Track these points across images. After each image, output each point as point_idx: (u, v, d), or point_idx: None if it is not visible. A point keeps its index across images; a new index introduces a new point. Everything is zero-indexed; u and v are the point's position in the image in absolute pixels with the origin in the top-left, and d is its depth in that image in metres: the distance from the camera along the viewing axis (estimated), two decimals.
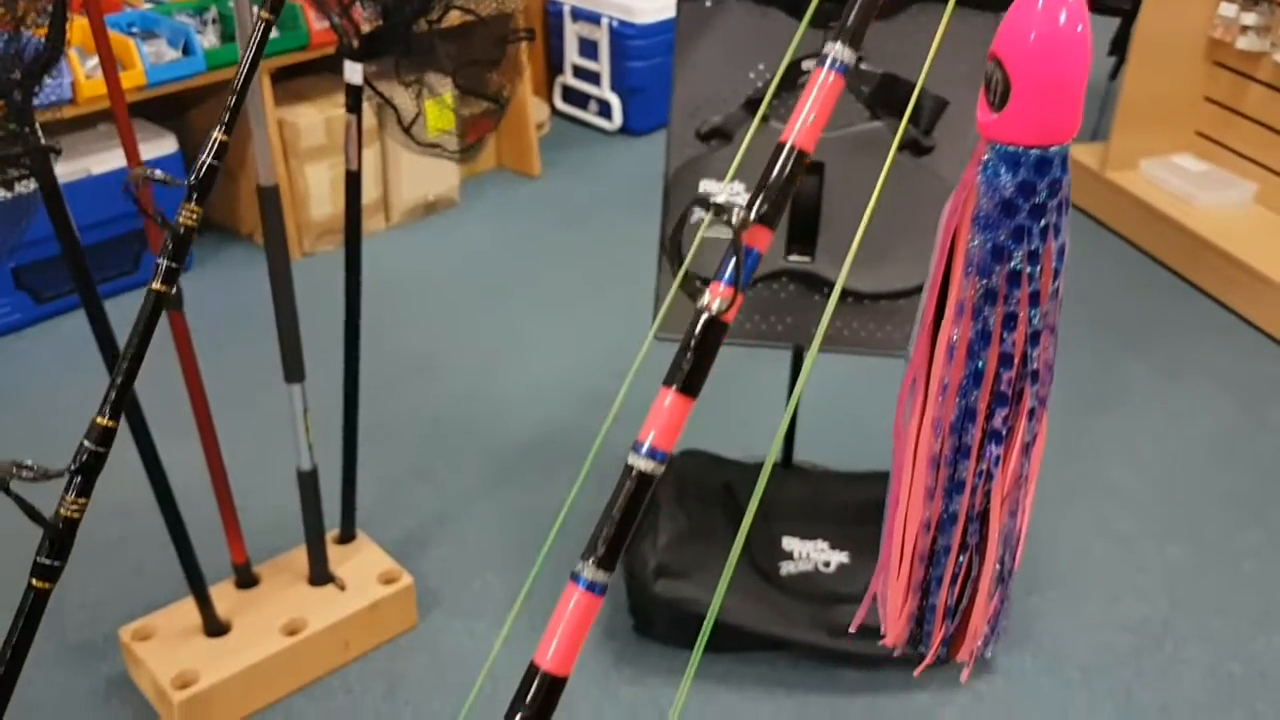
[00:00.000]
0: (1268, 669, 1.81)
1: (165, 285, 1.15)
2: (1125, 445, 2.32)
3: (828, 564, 1.90)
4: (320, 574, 1.83)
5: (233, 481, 1.73)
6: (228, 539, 1.78)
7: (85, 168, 2.63)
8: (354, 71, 1.57)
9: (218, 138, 1.18)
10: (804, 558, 1.90)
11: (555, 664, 0.68)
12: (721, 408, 2.35)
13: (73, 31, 1.27)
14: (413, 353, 2.60)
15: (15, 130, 1.28)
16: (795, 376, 1.86)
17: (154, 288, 1.15)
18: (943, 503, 0.71)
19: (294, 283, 1.62)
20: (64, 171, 1.29)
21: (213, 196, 1.20)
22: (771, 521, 1.93)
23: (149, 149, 2.76)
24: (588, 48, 3.76)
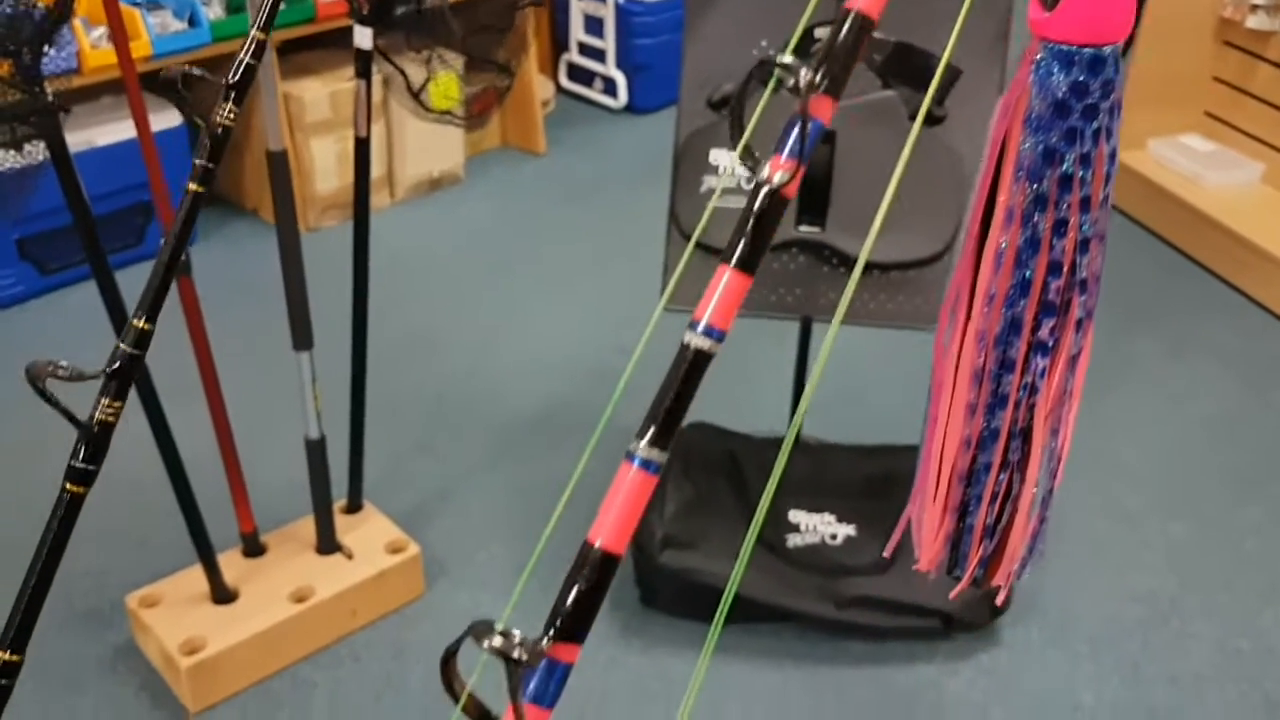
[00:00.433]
0: (1276, 645, 1.81)
1: (201, 186, 1.16)
2: (1129, 423, 2.31)
3: (834, 537, 1.90)
4: (328, 543, 1.83)
5: (239, 452, 1.73)
6: (235, 508, 1.78)
7: (89, 139, 2.62)
8: (364, 36, 1.56)
9: (255, 36, 1.18)
10: (811, 530, 1.90)
11: (610, 541, 0.68)
12: (725, 381, 2.34)
13: (80, 0, 1.27)
14: (417, 329, 2.59)
15: (24, 89, 1.27)
16: (803, 348, 1.85)
17: (191, 188, 1.15)
18: (984, 419, 0.70)
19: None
20: (69, 143, 1.30)
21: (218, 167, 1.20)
22: (778, 494, 1.93)
23: (153, 122, 2.73)
24: (593, 25, 3.74)
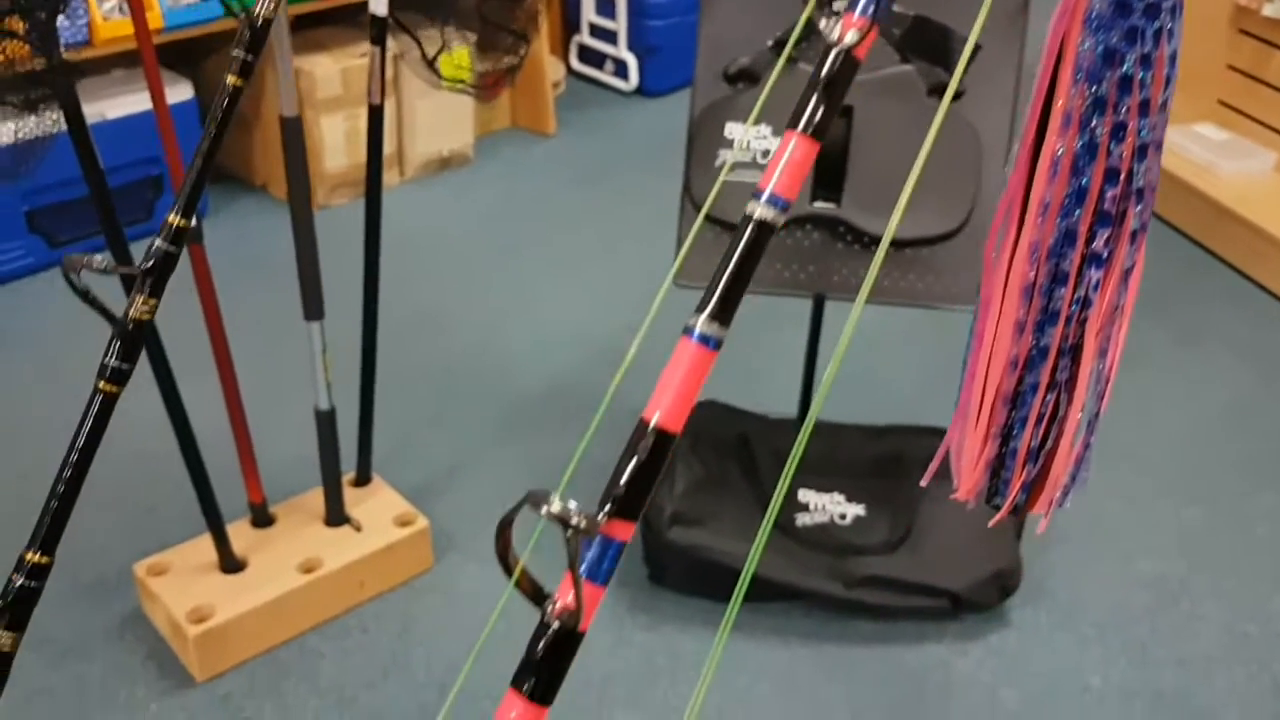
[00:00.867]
0: None
1: (240, 79, 1.16)
2: (1142, 410, 2.30)
3: (844, 516, 1.90)
4: (336, 515, 1.82)
5: (249, 424, 1.73)
6: (244, 478, 1.77)
7: (100, 112, 2.61)
8: (379, 2, 1.55)
9: None
10: (820, 509, 1.90)
11: (667, 418, 0.66)
12: (735, 361, 2.33)
13: None
14: (425, 307, 2.58)
15: (40, 49, 1.27)
16: (815, 326, 1.85)
17: (230, 81, 1.15)
18: (1033, 337, 0.69)
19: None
20: None
21: (228, 142, 1.19)
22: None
23: (166, 95, 2.73)
24: (605, 6, 3.73)
